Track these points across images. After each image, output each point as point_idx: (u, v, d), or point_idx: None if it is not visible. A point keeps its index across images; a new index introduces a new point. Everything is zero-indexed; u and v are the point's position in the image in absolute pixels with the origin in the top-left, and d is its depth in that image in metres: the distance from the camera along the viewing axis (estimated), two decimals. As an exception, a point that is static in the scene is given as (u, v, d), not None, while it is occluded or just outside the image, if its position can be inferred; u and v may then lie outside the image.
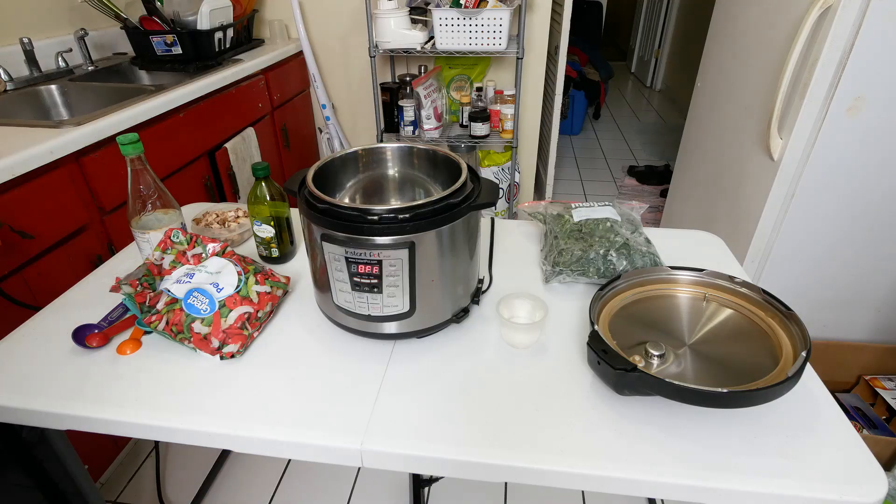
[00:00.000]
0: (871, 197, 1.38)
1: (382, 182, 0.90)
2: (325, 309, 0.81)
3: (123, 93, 1.62)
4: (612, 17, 5.95)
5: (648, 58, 5.29)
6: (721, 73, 1.84)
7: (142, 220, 0.85)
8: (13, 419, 0.69)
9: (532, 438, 0.63)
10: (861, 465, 0.59)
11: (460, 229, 0.72)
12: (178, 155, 1.58)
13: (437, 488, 1.42)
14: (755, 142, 1.52)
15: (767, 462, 0.59)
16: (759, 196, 1.48)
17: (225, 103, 1.79)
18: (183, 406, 0.68)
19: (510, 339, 0.78)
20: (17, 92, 1.58)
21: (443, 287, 0.75)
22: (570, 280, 0.89)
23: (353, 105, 2.53)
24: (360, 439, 0.63)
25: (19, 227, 1.10)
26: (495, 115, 2.22)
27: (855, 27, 1.19)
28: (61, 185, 1.20)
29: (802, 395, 0.67)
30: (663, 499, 1.27)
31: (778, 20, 1.43)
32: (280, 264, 0.97)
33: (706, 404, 0.62)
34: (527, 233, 1.08)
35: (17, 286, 1.11)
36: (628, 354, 0.66)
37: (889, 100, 1.25)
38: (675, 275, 0.82)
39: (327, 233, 0.68)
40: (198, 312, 0.73)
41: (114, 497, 1.41)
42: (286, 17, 2.32)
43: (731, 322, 0.75)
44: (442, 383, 0.71)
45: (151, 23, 1.87)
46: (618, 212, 0.96)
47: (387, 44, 1.99)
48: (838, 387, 1.62)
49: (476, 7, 1.87)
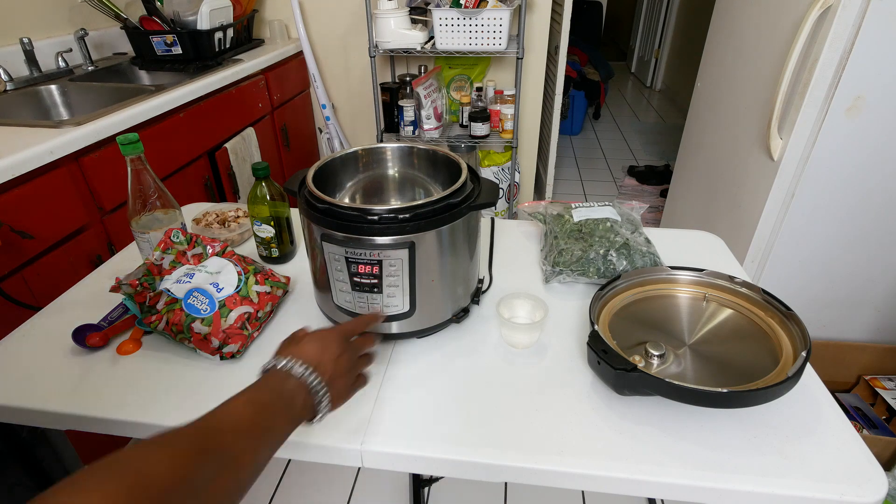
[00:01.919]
0: (872, 197, 1.38)
1: (382, 182, 0.90)
2: (325, 309, 0.81)
3: (123, 93, 1.62)
4: (612, 17, 5.94)
5: (648, 58, 5.29)
6: (721, 73, 1.84)
7: (142, 220, 0.85)
8: (13, 419, 0.69)
9: (532, 438, 0.63)
10: (861, 465, 0.59)
11: (460, 229, 0.72)
12: (178, 155, 1.58)
13: (437, 488, 1.42)
14: (755, 142, 1.52)
15: (767, 462, 0.59)
16: (759, 196, 1.48)
17: (225, 103, 1.79)
18: (183, 406, 0.68)
19: (510, 339, 0.78)
20: (17, 92, 1.58)
21: (443, 287, 0.75)
22: (570, 280, 0.89)
23: (353, 105, 2.53)
24: (360, 439, 0.63)
25: (19, 227, 1.10)
26: (495, 115, 2.22)
27: (855, 27, 1.19)
28: (61, 185, 1.20)
29: (802, 395, 0.67)
30: (663, 499, 1.27)
31: (778, 20, 1.43)
32: (280, 264, 0.97)
33: (706, 404, 0.62)
34: (527, 233, 1.08)
35: (17, 286, 1.11)
36: (628, 354, 0.66)
37: (889, 100, 1.25)
38: (675, 275, 0.82)
39: (327, 233, 0.68)
40: (198, 312, 0.73)
41: (114, 497, 1.41)
42: (286, 17, 2.32)
43: (731, 322, 0.75)
44: (442, 383, 0.71)
45: (151, 23, 1.87)
46: (618, 212, 0.96)
47: (387, 44, 1.99)
48: (838, 387, 1.62)
49: (476, 7, 1.87)
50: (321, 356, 0.54)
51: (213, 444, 0.41)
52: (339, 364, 0.55)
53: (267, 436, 0.46)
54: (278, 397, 0.49)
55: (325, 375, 0.53)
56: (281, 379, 0.51)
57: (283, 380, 0.51)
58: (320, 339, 0.56)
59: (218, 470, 0.39)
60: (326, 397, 0.53)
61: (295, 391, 0.51)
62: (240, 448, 0.43)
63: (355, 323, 0.63)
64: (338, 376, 0.55)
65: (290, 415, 0.50)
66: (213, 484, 0.39)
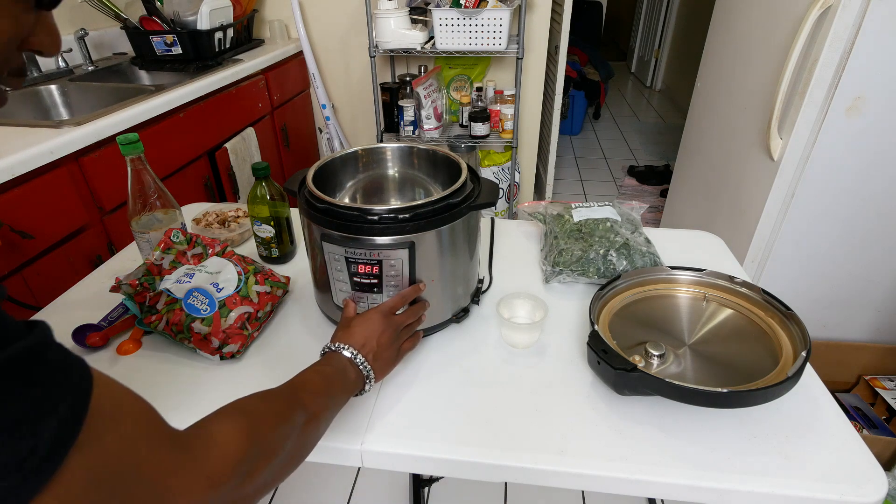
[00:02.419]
0: (872, 196, 1.38)
1: (382, 182, 0.90)
2: (325, 309, 0.81)
3: (123, 93, 1.62)
4: (612, 17, 5.94)
5: (648, 58, 5.29)
6: (721, 73, 1.84)
7: (142, 220, 0.85)
8: (13, 419, 0.69)
9: (532, 438, 0.63)
10: (861, 465, 0.59)
11: (460, 229, 0.72)
12: (178, 155, 1.58)
13: (437, 488, 1.42)
14: (755, 142, 1.52)
15: (767, 462, 0.59)
16: (759, 196, 1.48)
17: (225, 103, 1.79)
18: (183, 406, 0.68)
19: (510, 338, 0.78)
20: (17, 92, 1.58)
21: (443, 287, 0.75)
22: (570, 280, 0.89)
23: (353, 105, 2.53)
24: (360, 439, 0.63)
25: (19, 227, 1.10)
26: (495, 115, 2.22)
27: (855, 27, 1.19)
28: (61, 185, 1.20)
29: (802, 395, 0.67)
30: (663, 499, 1.27)
31: (778, 20, 1.43)
32: (280, 264, 0.97)
33: (706, 404, 0.62)
34: (527, 233, 1.08)
35: (17, 286, 1.11)
36: (628, 354, 0.66)
37: (889, 100, 1.25)
38: (675, 275, 0.82)
39: (327, 233, 0.68)
40: (198, 312, 0.73)
41: (114, 497, 1.41)
42: (286, 17, 2.32)
43: (730, 322, 0.75)
44: (442, 383, 0.71)
45: (151, 23, 1.87)
46: (618, 212, 0.96)
47: (387, 44, 1.99)
48: (838, 387, 1.62)
49: (476, 7, 1.87)
50: (365, 337, 0.65)
51: (299, 400, 0.53)
52: (381, 340, 0.66)
53: (332, 400, 0.58)
54: (337, 371, 0.61)
55: (369, 354, 0.64)
56: (336, 358, 0.62)
57: (338, 359, 0.62)
58: (364, 322, 0.67)
59: (305, 419, 0.51)
60: (372, 372, 0.64)
61: (348, 367, 0.62)
62: (318, 405, 0.54)
63: (397, 298, 0.71)
64: (382, 350, 0.66)
65: (347, 385, 0.61)
66: (302, 430, 0.51)
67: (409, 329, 0.72)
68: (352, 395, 0.62)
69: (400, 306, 0.71)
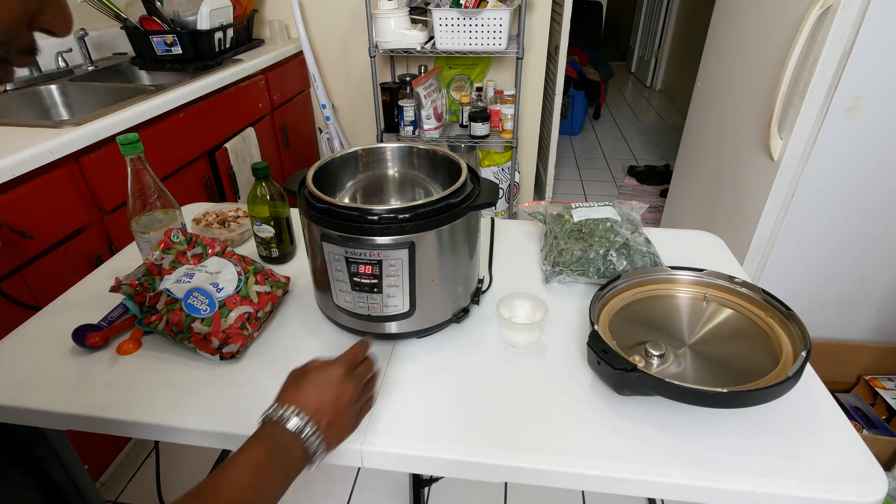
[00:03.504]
0: (871, 197, 1.38)
1: (382, 182, 0.90)
2: (325, 309, 0.81)
3: (123, 93, 1.62)
4: (612, 17, 5.94)
5: (648, 58, 5.29)
6: (721, 73, 1.84)
7: (142, 220, 0.85)
8: (13, 419, 0.69)
9: (532, 438, 0.63)
10: (861, 465, 0.59)
11: (460, 229, 0.72)
12: (178, 155, 1.58)
13: (437, 488, 1.42)
14: (755, 142, 1.52)
15: (767, 462, 0.59)
16: (759, 196, 1.48)
17: (225, 103, 1.79)
18: (183, 406, 0.68)
19: (510, 339, 0.78)
20: (17, 92, 1.58)
21: (443, 287, 0.75)
22: (570, 280, 0.89)
23: (353, 105, 2.53)
24: (360, 439, 0.63)
25: (19, 227, 1.10)
26: (495, 115, 2.22)
27: (855, 27, 1.19)
28: (61, 185, 1.20)
29: (802, 395, 0.67)
30: (663, 499, 1.27)
31: (778, 20, 1.43)
32: (280, 264, 0.97)
33: (706, 404, 0.62)
34: (527, 233, 1.08)
35: (17, 286, 1.11)
36: (628, 354, 0.66)
37: (889, 100, 1.25)
38: (675, 275, 0.82)
39: (327, 233, 0.68)
40: (198, 312, 0.73)
41: (114, 497, 1.41)
42: (286, 17, 2.32)
43: (730, 322, 0.75)
44: (442, 383, 0.71)
45: (151, 23, 1.87)
46: (618, 212, 0.96)
47: (387, 44, 1.99)
48: (838, 387, 1.62)
49: (476, 7, 1.87)
50: (320, 400, 0.55)
51: None
52: (339, 403, 0.56)
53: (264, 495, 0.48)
54: (274, 454, 0.51)
55: (322, 422, 0.54)
56: (277, 433, 0.52)
57: (280, 434, 0.52)
58: (322, 382, 0.57)
59: None
60: (322, 446, 0.54)
61: (290, 445, 0.52)
62: None
63: (354, 352, 0.63)
64: (341, 415, 0.56)
65: (286, 469, 0.51)
66: None
67: (369, 387, 0.63)
68: (296, 476, 0.52)
69: (359, 358, 0.62)
